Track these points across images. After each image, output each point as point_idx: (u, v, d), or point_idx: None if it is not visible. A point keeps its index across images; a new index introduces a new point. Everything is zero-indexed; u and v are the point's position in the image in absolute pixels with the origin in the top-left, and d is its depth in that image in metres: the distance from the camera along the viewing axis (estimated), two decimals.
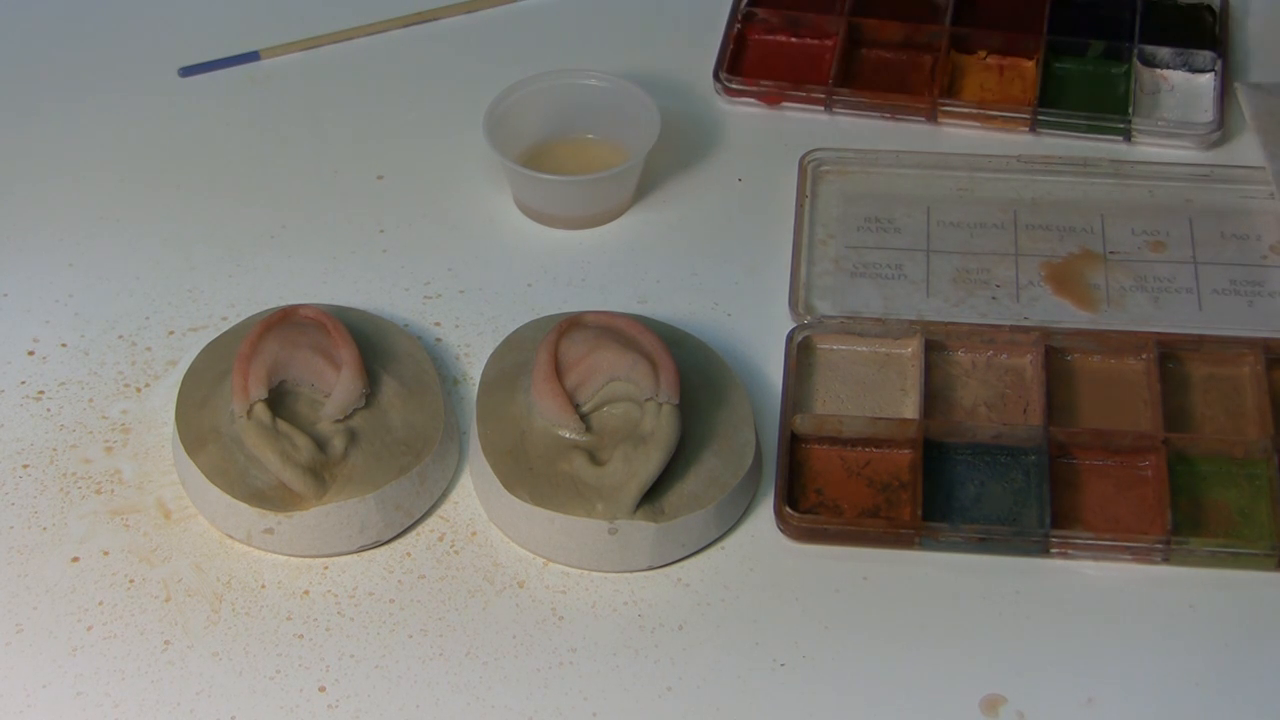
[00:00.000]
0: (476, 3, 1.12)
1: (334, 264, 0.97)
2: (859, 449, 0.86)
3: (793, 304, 0.92)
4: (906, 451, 0.85)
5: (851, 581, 0.81)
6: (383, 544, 0.83)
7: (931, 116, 1.03)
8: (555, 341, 0.85)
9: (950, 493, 0.84)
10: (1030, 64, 1.06)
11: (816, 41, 1.08)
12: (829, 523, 0.82)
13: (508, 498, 0.83)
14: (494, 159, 0.97)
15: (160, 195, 1.01)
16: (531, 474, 0.83)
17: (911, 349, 0.90)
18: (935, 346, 0.90)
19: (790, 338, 0.90)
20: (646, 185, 1.00)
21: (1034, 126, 1.02)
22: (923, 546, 0.82)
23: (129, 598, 0.81)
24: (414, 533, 0.84)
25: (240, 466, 0.83)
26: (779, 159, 1.00)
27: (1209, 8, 1.09)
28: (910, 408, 0.87)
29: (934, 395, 0.88)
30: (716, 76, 1.06)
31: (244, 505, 0.82)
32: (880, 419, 0.86)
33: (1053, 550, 0.81)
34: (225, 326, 0.92)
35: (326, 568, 0.83)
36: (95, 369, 0.91)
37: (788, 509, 0.83)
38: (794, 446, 0.85)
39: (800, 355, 0.89)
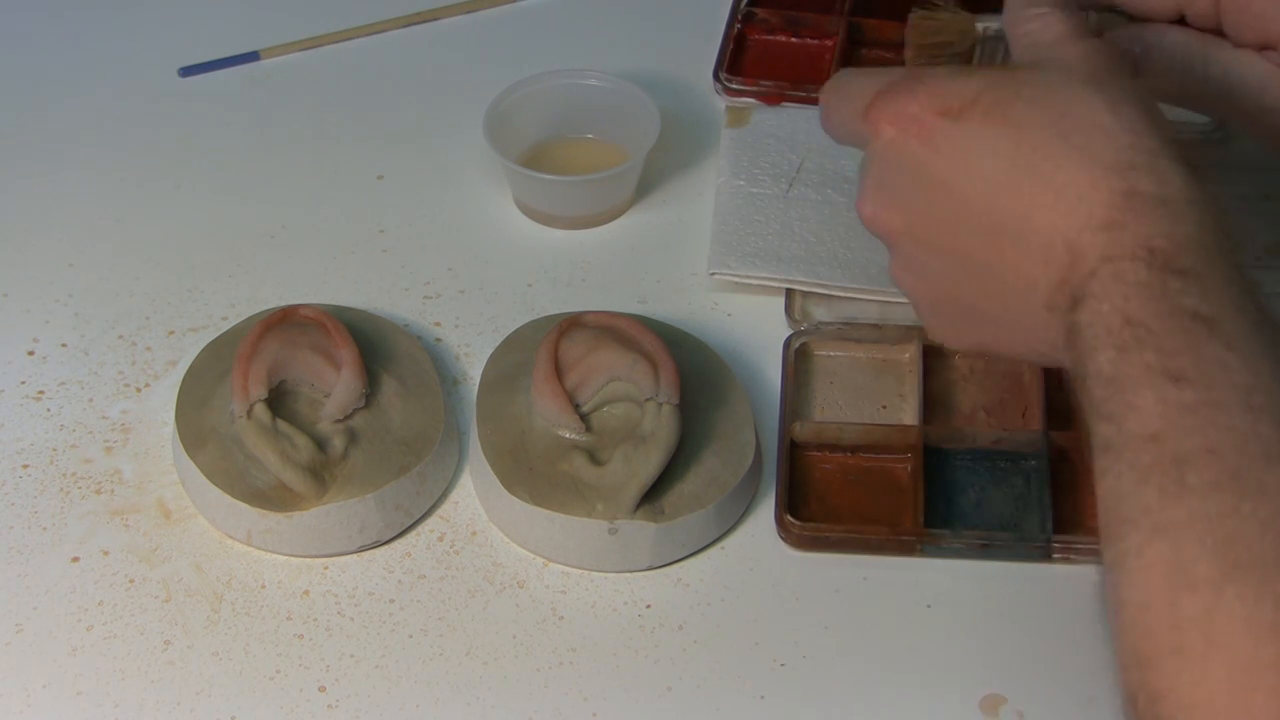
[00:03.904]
0: (476, 3, 1.12)
1: (334, 264, 0.97)
2: (859, 456, 0.86)
3: (789, 311, 0.92)
4: (906, 457, 0.85)
5: (852, 582, 0.81)
6: (383, 544, 0.83)
7: None
8: (555, 341, 0.85)
9: (951, 499, 0.84)
10: None
11: (816, 41, 1.08)
12: (830, 531, 0.82)
13: (508, 498, 0.83)
14: (494, 159, 0.97)
15: (160, 195, 1.01)
16: (531, 474, 0.83)
17: (909, 354, 0.90)
18: (933, 351, 0.89)
19: (788, 344, 0.90)
20: (646, 185, 1.00)
21: None
22: (924, 554, 0.82)
23: (129, 598, 0.81)
24: (414, 533, 0.84)
25: (240, 466, 0.83)
26: None
27: None
28: (909, 414, 0.87)
29: (933, 401, 0.88)
30: (716, 76, 1.06)
31: (244, 505, 0.82)
32: (879, 425, 0.86)
33: (1055, 556, 0.81)
34: (225, 326, 0.92)
35: (326, 568, 0.83)
36: (95, 369, 0.91)
37: (789, 517, 0.83)
38: (793, 454, 0.85)
39: (798, 362, 0.89)
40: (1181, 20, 0.75)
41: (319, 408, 0.85)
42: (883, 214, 0.71)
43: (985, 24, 0.79)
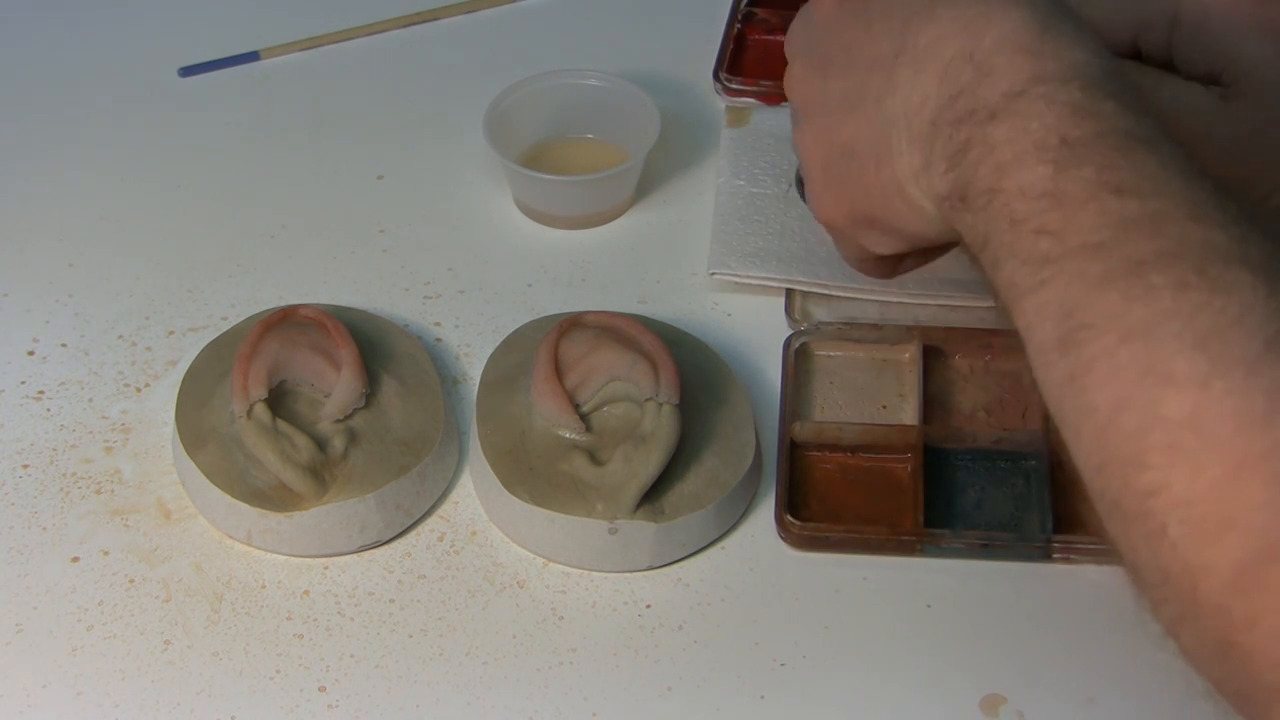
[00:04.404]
0: (476, 3, 1.12)
1: (334, 264, 0.97)
2: (859, 456, 0.86)
3: (789, 311, 0.92)
4: (906, 457, 0.85)
5: (852, 582, 0.81)
6: (383, 544, 0.83)
7: None
8: (555, 341, 0.85)
9: (951, 499, 0.84)
10: None
11: None
12: (830, 531, 0.82)
13: (508, 498, 0.83)
14: (494, 159, 0.98)
15: (160, 195, 1.01)
16: (531, 474, 0.83)
17: (909, 354, 0.90)
18: (933, 351, 0.90)
19: (788, 344, 0.90)
20: (646, 185, 1.00)
21: None
22: (925, 554, 0.82)
23: (129, 598, 0.81)
24: (414, 533, 0.84)
25: (240, 466, 0.83)
26: None
27: None
28: (909, 413, 0.87)
29: (932, 400, 0.88)
30: (716, 76, 1.06)
31: (244, 505, 0.82)
32: (879, 425, 0.86)
33: (1055, 556, 0.81)
34: (225, 326, 0.92)
35: (326, 568, 0.83)
36: (95, 369, 0.91)
37: (789, 517, 0.82)
38: (793, 454, 0.85)
39: (798, 362, 0.89)
40: (1136, 53, 0.76)
41: (319, 408, 0.85)
42: (804, 80, 0.73)
43: None
